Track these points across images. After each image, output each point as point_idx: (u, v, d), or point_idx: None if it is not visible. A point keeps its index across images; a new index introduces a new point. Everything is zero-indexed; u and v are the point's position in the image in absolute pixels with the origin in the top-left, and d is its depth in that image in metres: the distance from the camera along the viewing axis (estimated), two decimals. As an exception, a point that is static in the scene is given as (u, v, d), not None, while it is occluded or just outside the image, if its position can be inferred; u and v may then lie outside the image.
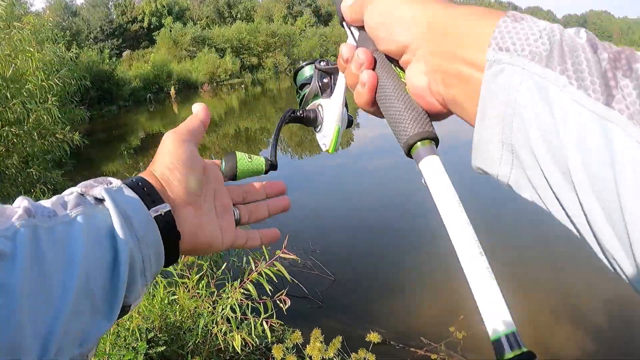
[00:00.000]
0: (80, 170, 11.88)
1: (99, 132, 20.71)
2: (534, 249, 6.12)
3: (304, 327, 4.21)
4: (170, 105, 29.59)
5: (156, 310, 2.76)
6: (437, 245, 6.85)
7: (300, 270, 5.58)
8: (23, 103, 6.02)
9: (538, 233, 6.14)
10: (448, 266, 6.31)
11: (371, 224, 7.53)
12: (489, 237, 6.51)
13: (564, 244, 5.31)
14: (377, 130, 16.41)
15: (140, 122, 24.85)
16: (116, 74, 30.12)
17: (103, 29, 50.16)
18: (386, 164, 11.64)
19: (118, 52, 47.09)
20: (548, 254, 5.88)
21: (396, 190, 9.46)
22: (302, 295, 5.06)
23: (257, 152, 4.31)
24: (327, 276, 5.57)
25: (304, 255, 5.95)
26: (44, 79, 6.38)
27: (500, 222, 7.00)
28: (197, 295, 2.98)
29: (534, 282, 5.38)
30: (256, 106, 25.57)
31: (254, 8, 70.21)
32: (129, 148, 17.50)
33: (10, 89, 6.06)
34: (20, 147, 6.20)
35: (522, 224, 6.70)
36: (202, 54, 42.23)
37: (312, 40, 57.95)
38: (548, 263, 5.76)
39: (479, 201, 7.05)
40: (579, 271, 5.33)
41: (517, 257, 5.85)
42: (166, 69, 35.57)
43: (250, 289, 2.86)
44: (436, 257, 6.38)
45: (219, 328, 2.85)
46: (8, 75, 6.06)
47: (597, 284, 4.91)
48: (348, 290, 5.54)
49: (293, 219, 7.58)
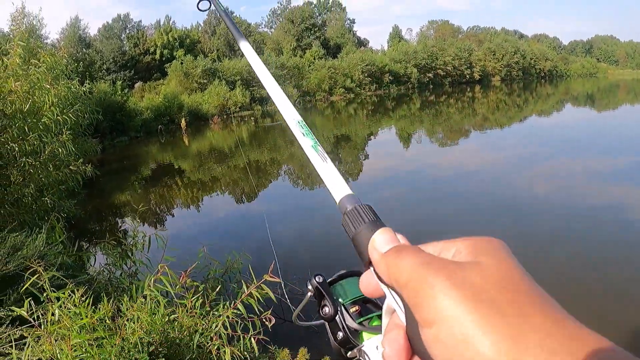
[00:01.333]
0: (91, 199, 12.25)
1: (111, 162, 21.12)
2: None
3: (294, 347, 4.50)
4: (180, 137, 30.03)
5: (157, 326, 3.06)
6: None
7: (298, 297, 5.85)
8: (40, 136, 6.41)
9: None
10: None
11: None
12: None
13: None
14: (375, 165, 16.77)
15: (151, 153, 25.26)
16: (128, 105, 30.64)
17: (116, 61, 50.98)
18: (392, 195, 11.97)
19: (130, 83, 47.80)
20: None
21: (406, 218, 9.74)
22: (285, 319, 5.32)
23: (267, 184, 4.72)
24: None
25: (302, 283, 6.23)
26: (59, 114, 6.76)
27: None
28: (194, 314, 3.28)
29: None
30: (266, 138, 25.99)
31: (263, 41, 71.23)
32: (140, 179, 17.86)
33: (27, 123, 6.46)
34: (37, 177, 6.57)
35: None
36: (213, 86, 42.73)
37: (321, 72, 58.41)
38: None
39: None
40: None
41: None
42: (177, 100, 36.05)
43: (240, 309, 3.18)
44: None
45: (213, 343, 3.15)
46: (25, 109, 6.47)
47: None
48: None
49: (288, 249, 7.90)
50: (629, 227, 8.85)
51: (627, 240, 8.19)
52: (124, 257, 4.57)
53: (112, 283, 4.36)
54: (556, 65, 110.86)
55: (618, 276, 6.83)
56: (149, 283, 3.09)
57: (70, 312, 3.00)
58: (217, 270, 4.88)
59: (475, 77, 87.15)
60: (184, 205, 13.45)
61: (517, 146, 19.78)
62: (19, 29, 12.80)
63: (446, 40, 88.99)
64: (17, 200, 6.39)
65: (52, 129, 6.64)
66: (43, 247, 4.26)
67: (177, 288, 3.13)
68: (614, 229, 8.80)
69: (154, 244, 4.65)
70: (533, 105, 43.69)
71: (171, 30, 58.74)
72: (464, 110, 38.98)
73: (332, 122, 34.82)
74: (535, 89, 71.79)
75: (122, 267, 4.59)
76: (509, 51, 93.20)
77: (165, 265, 3.15)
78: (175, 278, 3.13)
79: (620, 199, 10.76)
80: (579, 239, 8.32)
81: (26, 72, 6.70)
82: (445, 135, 24.87)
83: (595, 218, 9.51)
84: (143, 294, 3.09)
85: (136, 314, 3.06)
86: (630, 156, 15.78)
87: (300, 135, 0.92)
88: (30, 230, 4.89)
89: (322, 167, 0.81)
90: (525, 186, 12.32)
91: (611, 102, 44.76)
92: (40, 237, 4.34)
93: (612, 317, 5.81)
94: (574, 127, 26.06)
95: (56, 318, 2.94)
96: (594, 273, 6.97)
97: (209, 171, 18.23)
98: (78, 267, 5.09)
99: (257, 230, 10.39)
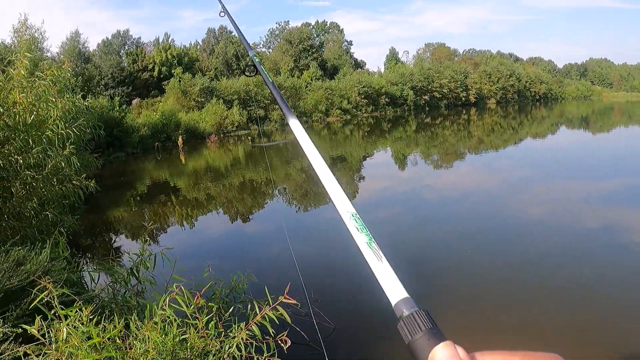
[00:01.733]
0: (88, 214, 12.14)
1: (107, 178, 21.01)
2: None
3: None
4: (177, 154, 29.99)
5: (168, 346, 2.97)
6: (437, 299, 7.04)
7: (303, 319, 5.76)
8: (44, 150, 6.34)
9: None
10: (448, 314, 6.47)
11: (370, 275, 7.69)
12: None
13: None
14: (377, 185, 16.73)
15: (147, 169, 25.19)
16: (125, 121, 30.66)
17: (114, 76, 51.07)
18: (387, 216, 11.91)
19: (128, 99, 47.87)
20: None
21: (396, 243, 9.69)
22: (304, 343, 5.22)
23: (263, 205, 4.65)
24: (328, 324, 5.74)
25: (306, 305, 6.13)
26: (63, 128, 6.69)
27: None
28: (205, 335, 3.18)
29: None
30: (262, 158, 25.96)
31: (261, 61, 71.64)
32: (136, 195, 17.78)
33: (31, 135, 6.38)
34: (40, 190, 6.48)
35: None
36: (210, 104, 42.83)
37: (317, 93, 58.63)
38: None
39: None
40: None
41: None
42: (174, 118, 36.08)
43: (254, 330, 3.08)
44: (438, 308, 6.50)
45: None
46: (29, 121, 6.39)
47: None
48: (348, 339, 5.71)
49: (295, 269, 7.78)
50: (623, 250, 8.82)
51: (621, 263, 8.15)
52: (130, 274, 4.47)
53: (117, 301, 4.25)
54: (551, 88, 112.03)
55: (615, 299, 6.77)
56: (162, 302, 3.00)
57: (78, 330, 2.91)
58: (223, 290, 4.79)
59: (471, 99, 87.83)
60: (178, 223, 13.34)
61: (511, 168, 19.82)
62: (23, 40, 12.78)
63: (442, 63, 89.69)
64: (19, 214, 6.29)
65: (55, 142, 6.57)
66: (47, 262, 4.16)
67: (191, 308, 3.04)
68: (608, 252, 8.77)
69: (159, 262, 4.56)
70: (528, 127, 43.92)
71: (170, 47, 58.92)
72: (460, 133, 39.13)
73: (328, 143, 34.86)
74: (531, 111, 72.31)
75: (127, 285, 4.48)
76: (505, 74, 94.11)
77: (181, 285, 3.06)
78: (190, 298, 3.04)
79: (614, 221, 10.74)
80: (574, 262, 8.26)
81: (31, 84, 6.64)
82: (441, 158, 24.91)
83: (589, 241, 9.48)
84: (156, 313, 3.00)
85: (147, 333, 2.97)
86: (624, 178, 15.85)
87: (354, 230, 0.87)
88: (32, 244, 4.79)
89: (378, 267, 0.78)
90: (520, 209, 12.29)
91: (605, 125, 45.10)
92: (44, 252, 4.24)
93: (605, 340, 5.73)
94: (569, 149, 26.23)
95: (65, 336, 2.85)
96: (588, 296, 6.90)
97: (204, 189, 18.16)
98: (81, 284, 4.99)
99: (267, 247, 10.32)
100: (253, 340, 3.13)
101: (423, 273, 7.97)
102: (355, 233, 0.87)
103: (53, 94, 6.76)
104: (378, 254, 0.80)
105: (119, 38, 58.22)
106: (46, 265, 4.14)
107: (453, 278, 7.71)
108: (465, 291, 7.21)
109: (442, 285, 7.47)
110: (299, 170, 21.36)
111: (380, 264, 0.77)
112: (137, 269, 4.48)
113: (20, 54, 6.80)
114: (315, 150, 1.13)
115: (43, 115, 6.73)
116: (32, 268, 4.00)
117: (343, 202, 0.94)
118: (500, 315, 6.41)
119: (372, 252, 0.80)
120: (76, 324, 2.95)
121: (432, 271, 8.08)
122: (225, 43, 67.76)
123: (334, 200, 0.98)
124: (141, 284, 4.51)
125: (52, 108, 6.62)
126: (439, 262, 8.55)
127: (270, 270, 8.21)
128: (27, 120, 6.35)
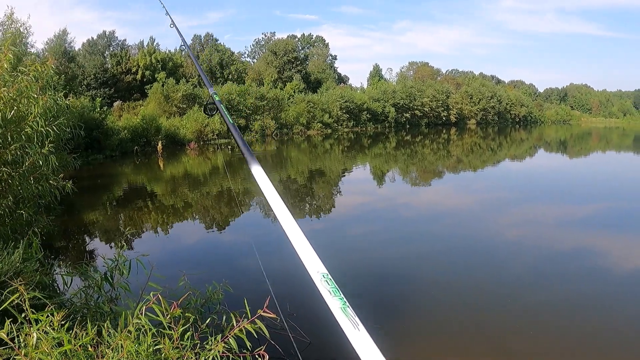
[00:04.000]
0: (62, 215, 11.91)
1: (84, 179, 20.70)
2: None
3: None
4: (156, 160, 29.73)
5: (142, 357, 2.88)
6: (416, 311, 7.02)
7: (278, 332, 5.68)
8: (23, 147, 6.19)
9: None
10: (420, 333, 6.46)
11: (352, 289, 7.65)
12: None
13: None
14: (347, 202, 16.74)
15: (125, 173, 24.92)
16: (106, 123, 30.32)
17: (97, 77, 50.66)
18: (361, 232, 11.90)
19: (109, 101, 47.49)
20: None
21: (369, 262, 9.68)
22: (278, 356, 5.15)
23: (240, 214, 4.58)
24: (303, 339, 5.67)
25: (282, 318, 6.05)
26: (43, 125, 6.55)
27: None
28: (180, 346, 3.10)
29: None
30: (240, 167, 25.83)
31: (245, 70, 71.55)
32: (112, 198, 17.54)
33: (10, 131, 6.24)
34: (15, 188, 6.33)
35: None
36: (192, 111, 42.66)
37: (300, 105, 58.77)
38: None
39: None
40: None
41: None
42: (155, 123, 35.80)
43: (231, 343, 3.01)
44: (414, 326, 6.55)
45: (201, 379, 2.97)
46: (9, 117, 6.24)
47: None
48: (323, 353, 5.64)
49: (270, 281, 7.69)
50: (597, 273, 8.94)
51: (594, 287, 8.25)
52: (104, 280, 4.35)
53: (90, 307, 4.14)
54: (531, 111, 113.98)
55: (587, 321, 6.82)
56: (138, 311, 2.91)
57: (48, 336, 2.82)
58: (198, 300, 4.71)
59: (451, 119, 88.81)
60: (154, 229, 13.15)
61: (488, 190, 20.01)
62: (8, 33, 12.59)
63: (425, 81, 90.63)
64: (-8, 212, 6.14)
65: (34, 139, 6.43)
66: (19, 263, 4.04)
67: (167, 318, 2.95)
68: (582, 275, 8.87)
69: (134, 268, 4.47)
70: (507, 149, 44.44)
71: (155, 52, 58.68)
72: (439, 152, 39.43)
73: (307, 156, 34.88)
74: (510, 133, 73.27)
75: (101, 291, 4.36)
76: (486, 95, 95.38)
77: (158, 294, 2.98)
78: (167, 308, 2.96)
79: (588, 245, 10.87)
80: (548, 284, 8.31)
81: (14, 78, 6.49)
82: (419, 176, 25.05)
83: (564, 264, 9.58)
84: (131, 321, 2.91)
85: (120, 342, 2.89)
86: (599, 203, 16.10)
87: (326, 294, 0.81)
88: (4, 243, 4.66)
89: (355, 336, 0.71)
90: (495, 230, 12.36)
91: (583, 149, 45.86)
92: (17, 253, 4.12)
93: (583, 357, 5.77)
94: (546, 172, 26.58)
95: (34, 341, 2.75)
96: (563, 318, 6.93)
97: (182, 197, 17.99)
98: (54, 287, 4.86)
99: (239, 258, 10.21)
100: (230, 354, 3.06)
101: (388, 292, 7.96)
102: (328, 297, 0.80)
103: (35, 90, 6.63)
104: (354, 321, 0.73)
105: (105, 39, 57.89)
106: (18, 266, 4.02)
107: (420, 302, 7.69)
108: (433, 315, 7.19)
109: (408, 309, 7.44)
110: (277, 182, 21.27)
111: (358, 333, 0.70)
112: (111, 274, 4.37)
113: (5, 47, 6.66)
114: (280, 201, 1.04)
115: (24, 111, 6.59)
116: (4, 268, 3.88)
117: (313, 261, 0.87)
118: (475, 337, 6.40)
119: (347, 320, 0.73)
120: (47, 329, 2.86)
121: (398, 293, 8.05)
122: (210, 50, 67.66)
123: (302, 259, 0.90)
124: (115, 290, 4.40)
125: (34, 104, 6.48)
126: (407, 284, 8.51)
127: (243, 282, 8.11)
128: (6, 116, 6.21)
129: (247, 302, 3.20)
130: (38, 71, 6.78)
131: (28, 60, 7.29)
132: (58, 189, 7.07)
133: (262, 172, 1.09)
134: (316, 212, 15.31)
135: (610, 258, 9.87)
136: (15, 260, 4.05)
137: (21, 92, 6.36)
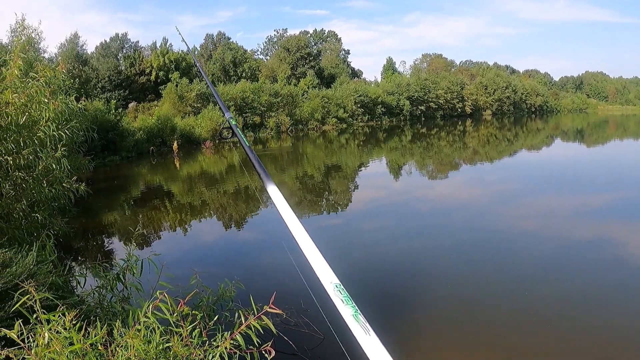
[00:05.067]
0: (80, 217, 12.06)
1: (101, 181, 20.91)
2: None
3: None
4: (172, 159, 29.86)
5: (151, 354, 2.93)
6: (428, 313, 7.02)
7: (291, 328, 5.72)
8: (35, 151, 6.30)
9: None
10: (433, 332, 6.46)
11: (365, 286, 7.68)
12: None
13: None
14: (363, 198, 16.72)
15: (141, 174, 25.08)
16: (121, 124, 30.50)
17: (111, 79, 50.94)
18: (376, 227, 11.90)
19: (124, 103, 47.75)
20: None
21: (385, 258, 9.68)
22: (291, 352, 5.18)
23: (256, 210, 4.63)
24: (317, 334, 5.70)
25: (295, 314, 6.10)
26: (54, 129, 6.64)
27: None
28: (189, 343, 3.14)
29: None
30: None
31: (258, 68, 71.52)
32: (129, 199, 17.68)
33: (23, 136, 6.34)
34: (29, 192, 6.43)
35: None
36: (207, 110, 42.70)
37: (314, 101, 58.62)
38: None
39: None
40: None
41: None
42: (170, 123, 35.93)
43: (239, 340, 3.04)
44: (426, 324, 6.54)
45: (209, 375, 3.01)
46: (21, 122, 6.35)
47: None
48: (336, 349, 5.66)
49: (286, 278, 7.75)
50: (616, 264, 8.83)
51: (613, 277, 8.16)
52: (116, 280, 4.42)
53: (103, 307, 4.21)
54: (547, 100, 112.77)
55: (604, 313, 6.76)
56: (146, 309, 2.96)
57: (60, 335, 2.87)
58: (210, 298, 4.75)
59: (467, 110, 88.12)
60: (170, 229, 13.24)
61: (506, 180, 19.89)
62: (19, 40, 12.73)
63: (439, 73, 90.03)
64: (8, 215, 6.24)
65: (46, 144, 6.53)
66: (33, 266, 4.11)
67: (174, 316, 3.00)
68: (601, 266, 8.78)
69: (146, 268, 4.53)
70: (523, 139, 44.11)
71: (168, 52, 58.83)
72: (455, 144, 39.19)
73: (323, 152, 34.86)
74: (526, 123, 72.66)
75: (113, 291, 4.43)
76: (501, 86, 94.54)
77: (164, 292, 3.02)
78: (174, 306, 3.00)
79: (606, 235, 10.76)
80: (566, 276, 8.25)
81: (24, 84, 6.60)
82: (435, 168, 24.93)
83: (582, 255, 9.51)
84: (139, 320, 2.96)
85: (130, 341, 2.93)
86: (618, 192, 15.92)
87: (339, 302, 0.84)
88: (19, 246, 4.75)
89: (366, 341, 0.74)
90: (513, 222, 12.30)
91: (600, 138, 45.38)
92: (30, 255, 4.19)
93: (598, 354, 5.72)
94: (563, 162, 26.33)
95: (46, 341, 2.81)
96: (579, 310, 6.88)
97: (198, 195, 18.09)
98: (67, 288, 4.94)
99: (247, 257, 10.27)
100: (237, 350, 3.09)
101: (407, 285, 7.96)
102: (340, 306, 0.84)
103: (46, 94, 6.72)
104: (365, 327, 0.77)
105: (117, 41, 58.21)
106: (32, 269, 4.09)
107: (438, 294, 7.68)
108: (452, 308, 7.18)
109: (428, 300, 7.44)
110: (293, 178, 21.33)
111: (369, 338, 0.74)
112: (123, 274, 4.43)
113: (14, 54, 6.77)
114: (296, 219, 1.09)
115: (35, 116, 6.69)
116: (18, 271, 3.95)
117: (326, 273, 0.91)
118: (492, 331, 6.39)
119: (359, 326, 0.77)
120: (59, 329, 2.91)
121: (418, 284, 8.05)
122: (223, 49, 67.75)
123: (316, 271, 0.95)
124: (127, 290, 4.46)
125: (45, 109, 6.58)
126: (425, 276, 8.51)
127: (262, 278, 8.17)
128: (19, 121, 6.31)
129: (262, 299, 3.23)
130: (48, 76, 6.87)
131: (39, 66, 7.36)
132: (72, 192, 7.17)
133: (277, 191, 1.15)
134: (333, 207, 15.32)
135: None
136: (29, 262, 4.13)
137: (32, 97, 6.45)
